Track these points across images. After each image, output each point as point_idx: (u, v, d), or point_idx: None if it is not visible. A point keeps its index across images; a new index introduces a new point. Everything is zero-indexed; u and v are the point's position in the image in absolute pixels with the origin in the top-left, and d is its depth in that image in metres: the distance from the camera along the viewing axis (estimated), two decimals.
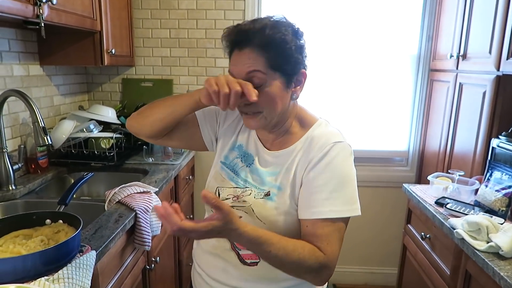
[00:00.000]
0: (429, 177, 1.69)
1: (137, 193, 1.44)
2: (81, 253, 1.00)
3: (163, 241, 1.71)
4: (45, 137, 1.39)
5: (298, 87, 0.90)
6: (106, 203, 1.41)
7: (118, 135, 1.93)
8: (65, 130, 1.79)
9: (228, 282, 0.96)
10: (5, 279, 0.84)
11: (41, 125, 1.38)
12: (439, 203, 1.53)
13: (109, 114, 2.02)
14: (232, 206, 0.93)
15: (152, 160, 1.95)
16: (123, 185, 1.48)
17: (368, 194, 2.48)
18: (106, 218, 1.25)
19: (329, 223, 0.84)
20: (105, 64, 1.88)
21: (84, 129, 1.86)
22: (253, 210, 0.91)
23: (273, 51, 0.83)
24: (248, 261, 0.93)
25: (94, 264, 1.00)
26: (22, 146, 1.61)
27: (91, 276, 0.97)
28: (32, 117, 1.38)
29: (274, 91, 0.85)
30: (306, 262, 0.80)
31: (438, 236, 1.50)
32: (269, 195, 0.91)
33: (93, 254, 1.01)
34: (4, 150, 1.50)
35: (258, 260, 0.92)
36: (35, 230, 1.04)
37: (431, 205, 1.55)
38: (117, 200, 1.39)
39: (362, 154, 2.43)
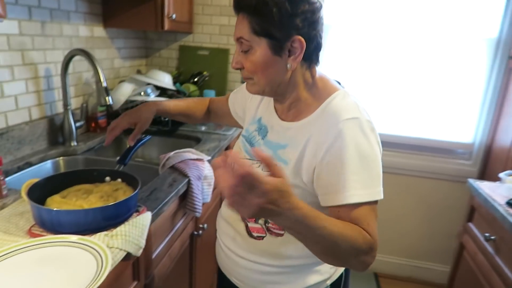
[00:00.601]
0: (500, 175, 1.54)
1: (191, 159, 1.44)
2: (137, 213, 1.01)
3: (211, 209, 1.72)
4: (107, 98, 1.42)
5: (293, 56, 0.82)
6: (160, 166, 1.43)
7: None
8: (124, 92, 1.83)
9: (236, 251, 0.97)
10: (68, 230, 0.87)
11: (103, 85, 1.41)
12: (511, 204, 1.39)
13: (165, 80, 2.03)
14: None
15: (204, 129, 1.95)
16: (178, 151, 1.49)
17: (423, 185, 2.34)
18: (160, 182, 1.26)
19: (365, 206, 0.76)
20: (165, 28, 1.87)
21: (142, 93, 1.89)
22: None
23: (257, 15, 0.79)
24: (255, 234, 0.93)
25: (149, 224, 1.01)
26: (84, 104, 1.67)
27: (146, 236, 0.98)
28: (96, 77, 1.41)
29: (258, 58, 0.82)
30: (357, 243, 0.72)
31: (506, 240, 1.37)
32: None
33: (148, 215, 1.02)
34: (68, 108, 1.55)
35: (264, 235, 0.91)
36: (96, 186, 1.06)
37: (500, 205, 1.41)
38: (171, 165, 1.40)
39: (420, 142, 2.28)
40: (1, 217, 0.96)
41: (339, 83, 0.93)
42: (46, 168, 1.45)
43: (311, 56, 0.84)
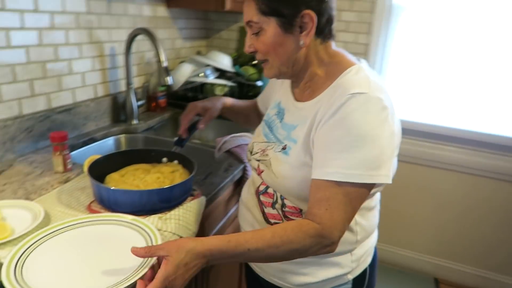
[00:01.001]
0: None
1: (247, 144, 1.40)
2: (192, 197, 0.99)
3: None
4: (167, 78, 1.41)
5: (305, 32, 0.78)
6: (216, 150, 1.40)
7: (232, 84, 1.90)
8: (184, 73, 1.82)
9: None
10: (123, 209, 0.87)
11: (164, 65, 1.40)
12: None
13: (224, 62, 2.00)
14: (258, 160, 0.92)
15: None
16: (234, 135, 1.45)
17: (488, 186, 2.10)
18: (216, 166, 1.23)
19: (333, 185, 0.71)
20: (226, 8, 1.82)
21: (201, 74, 1.88)
22: (270, 164, 0.87)
23: None
24: (272, 220, 0.90)
25: (203, 210, 0.98)
26: (145, 84, 1.69)
27: (199, 221, 0.96)
28: (157, 56, 1.40)
29: (269, 38, 0.80)
30: (295, 242, 0.70)
31: None
32: (285, 148, 0.86)
33: (203, 200, 1.00)
34: (130, 86, 1.58)
35: (282, 222, 0.87)
36: (153, 166, 1.06)
37: None
38: (227, 149, 1.36)
39: (485, 138, 2.02)
40: (65, 191, 0.99)
41: (359, 60, 0.86)
42: (108, 144, 1.50)
43: (324, 30, 0.81)
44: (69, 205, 0.92)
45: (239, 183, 1.30)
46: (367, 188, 0.73)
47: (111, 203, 0.89)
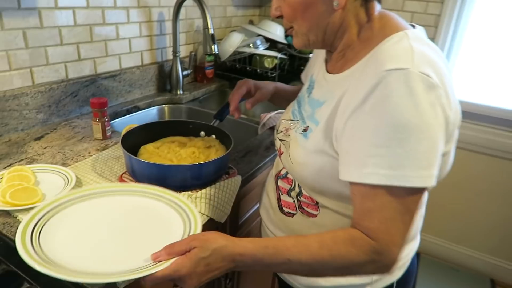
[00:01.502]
0: None
1: None
2: (227, 175, 0.92)
3: None
4: (212, 46, 1.33)
5: None
6: (260, 126, 1.32)
7: (282, 56, 1.78)
8: (233, 42, 1.73)
9: (267, 223, 0.87)
10: (154, 183, 0.82)
11: (210, 32, 1.32)
12: None
13: (277, 32, 1.87)
14: (281, 140, 0.81)
15: None
16: (280, 111, 1.35)
17: None
18: (257, 143, 1.15)
19: (383, 192, 0.56)
20: None
21: (251, 45, 1.77)
22: (289, 146, 0.77)
23: None
24: (285, 209, 0.80)
25: (238, 190, 0.91)
26: (193, 53, 1.62)
27: (233, 202, 0.89)
28: (204, 23, 1.32)
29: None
30: (347, 259, 0.58)
31: None
32: (306, 130, 0.73)
33: (238, 179, 0.93)
34: (177, 55, 1.53)
35: (295, 212, 0.78)
36: (190, 140, 1.00)
37: None
38: (271, 125, 1.27)
39: None
40: (101, 159, 0.97)
41: (413, 26, 0.68)
42: (151, 113, 1.47)
43: None
44: (101, 173, 0.90)
45: None
46: (421, 192, 0.57)
47: (142, 176, 0.84)
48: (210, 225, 0.83)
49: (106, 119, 1.08)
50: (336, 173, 0.64)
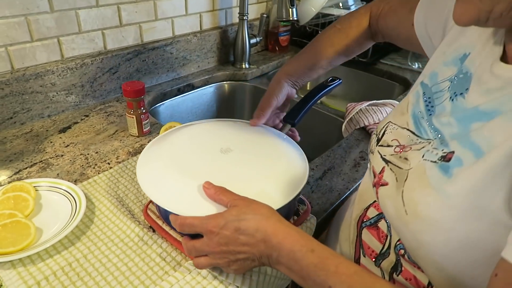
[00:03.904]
0: None
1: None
2: (296, 217, 0.62)
3: None
4: (290, 9, 0.98)
5: None
6: (345, 122, 0.97)
7: None
8: (317, 1, 1.34)
9: None
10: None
11: None
12: None
13: None
14: (388, 161, 0.48)
15: (418, 66, 1.33)
16: (374, 102, 0.99)
17: None
18: (341, 154, 0.81)
19: None
20: None
21: (340, 4, 1.37)
22: (406, 179, 0.44)
23: None
24: None
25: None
26: (264, 15, 1.28)
27: None
28: None
29: None
30: None
31: None
32: (449, 160, 0.39)
33: (312, 222, 0.62)
34: (244, 18, 1.20)
35: None
36: None
37: None
38: (361, 125, 0.92)
39: None
40: (129, 170, 0.72)
41: None
42: (207, 93, 1.20)
43: None
44: (123, 199, 0.65)
45: None
46: None
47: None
48: None
49: (144, 111, 0.82)
50: (491, 252, 0.35)
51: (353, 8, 1.39)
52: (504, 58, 0.40)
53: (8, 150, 0.77)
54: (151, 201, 0.63)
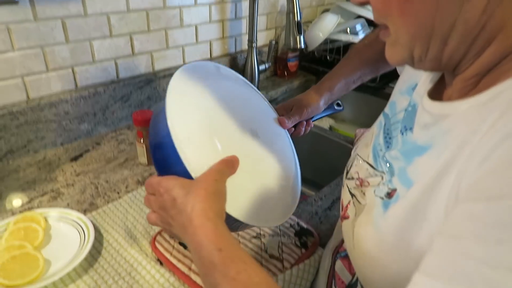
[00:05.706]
0: None
1: None
2: (303, 251, 0.61)
3: None
4: (297, 37, 0.99)
5: None
6: (355, 148, 0.97)
7: None
8: (325, 27, 1.36)
9: None
10: None
11: (296, 19, 0.98)
12: None
13: None
14: (352, 195, 0.48)
15: None
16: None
17: None
18: None
19: None
20: None
21: (348, 30, 1.38)
22: (359, 215, 0.45)
23: None
24: None
25: (314, 275, 0.60)
26: (273, 42, 1.30)
27: None
28: (288, 5, 0.98)
29: None
30: None
31: None
32: (391, 196, 0.40)
33: (321, 256, 0.62)
34: (253, 45, 1.22)
35: None
36: None
37: None
38: None
39: None
40: (137, 201, 0.73)
41: None
42: None
43: None
44: (131, 231, 0.65)
45: None
46: None
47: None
48: None
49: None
50: None
51: (361, 34, 1.41)
52: (432, 94, 0.42)
53: (21, 178, 0.79)
54: (159, 233, 0.63)
